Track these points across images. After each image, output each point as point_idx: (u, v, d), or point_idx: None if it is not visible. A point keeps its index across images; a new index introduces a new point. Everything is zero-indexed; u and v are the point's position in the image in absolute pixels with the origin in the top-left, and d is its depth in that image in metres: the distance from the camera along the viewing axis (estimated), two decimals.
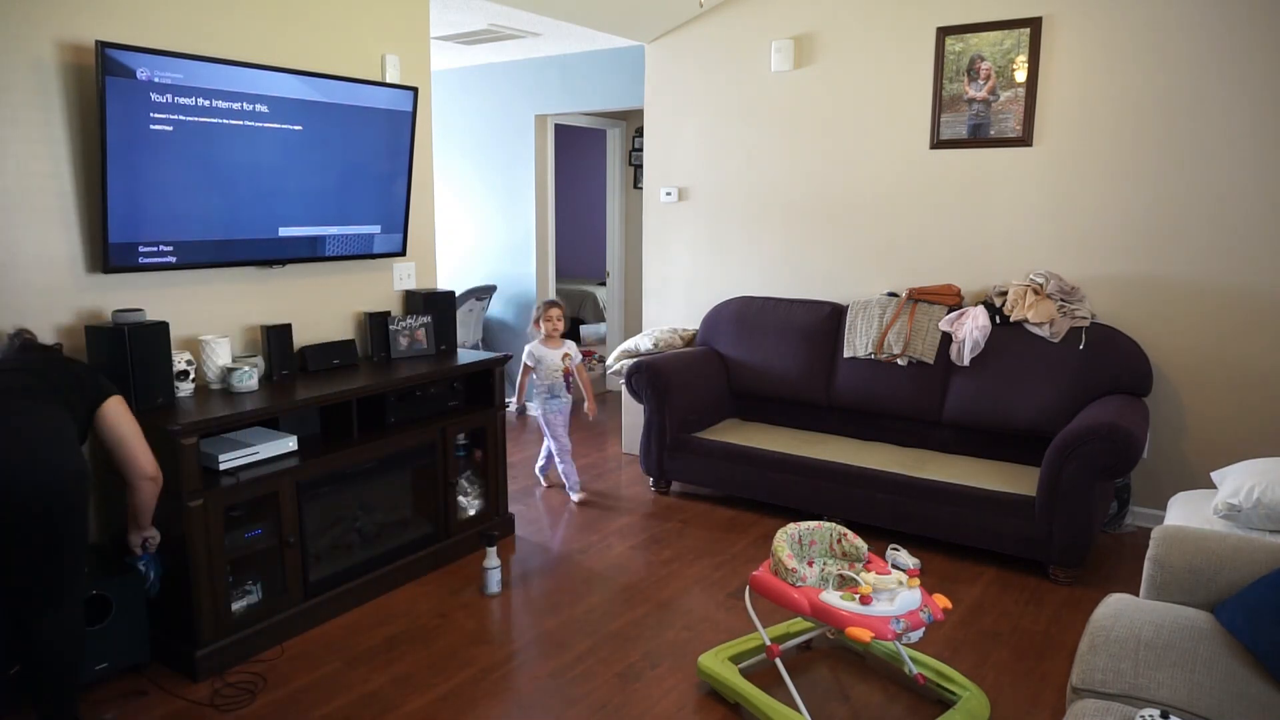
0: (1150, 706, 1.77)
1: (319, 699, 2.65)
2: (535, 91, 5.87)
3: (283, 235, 3.32)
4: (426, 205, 4.03)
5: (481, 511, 3.84)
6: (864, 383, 4.26)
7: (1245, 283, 3.68)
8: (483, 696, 2.68)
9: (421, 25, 3.92)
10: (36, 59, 2.68)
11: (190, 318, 3.15)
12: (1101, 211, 3.93)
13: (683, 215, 5.19)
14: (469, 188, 6.27)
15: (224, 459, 2.83)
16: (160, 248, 2.94)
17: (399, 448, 3.40)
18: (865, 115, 4.47)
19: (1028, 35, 3.96)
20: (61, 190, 2.78)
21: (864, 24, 4.40)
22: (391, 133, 3.63)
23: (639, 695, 2.68)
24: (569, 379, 4.46)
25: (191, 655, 2.72)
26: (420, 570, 3.51)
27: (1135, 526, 3.98)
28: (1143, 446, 3.31)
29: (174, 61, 2.84)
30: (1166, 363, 3.87)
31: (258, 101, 3.12)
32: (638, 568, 3.62)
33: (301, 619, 3.05)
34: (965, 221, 4.26)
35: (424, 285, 4.06)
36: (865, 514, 3.82)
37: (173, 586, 2.74)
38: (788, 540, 2.59)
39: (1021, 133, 4.04)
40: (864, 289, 4.55)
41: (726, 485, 4.26)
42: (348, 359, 3.57)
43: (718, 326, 4.77)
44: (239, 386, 3.05)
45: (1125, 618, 2.06)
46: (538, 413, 4.51)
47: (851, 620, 2.26)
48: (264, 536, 2.96)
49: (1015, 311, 3.94)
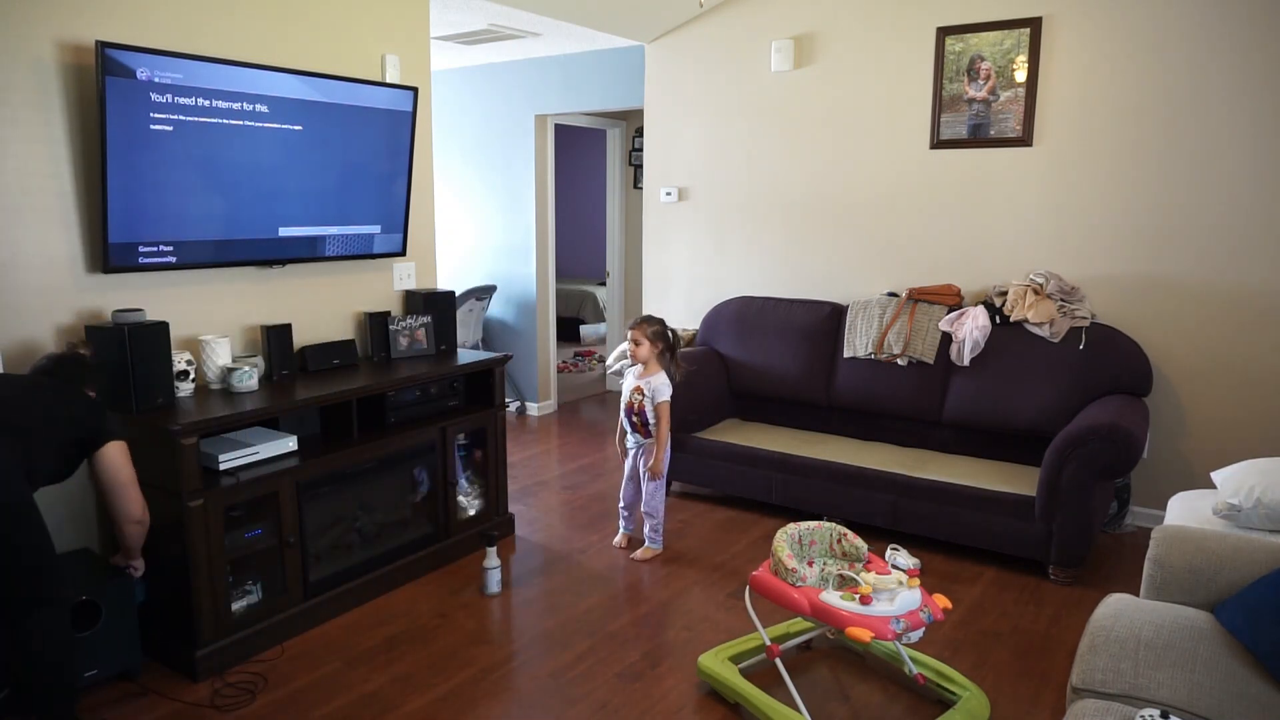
0: (1150, 706, 1.77)
1: (319, 699, 2.65)
2: (535, 91, 5.87)
3: (283, 235, 3.32)
4: (426, 205, 4.03)
5: (481, 511, 3.84)
6: (864, 383, 4.26)
7: (1245, 283, 3.68)
8: (483, 696, 2.68)
9: (421, 25, 3.92)
10: (36, 59, 2.68)
11: (190, 318, 3.15)
12: (1101, 211, 3.93)
13: (683, 215, 5.19)
14: (469, 188, 6.27)
15: (224, 459, 2.83)
16: (160, 248, 2.94)
17: (399, 448, 3.40)
18: (865, 115, 4.47)
19: (1028, 35, 3.96)
20: (61, 190, 2.78)
21: (864, 24, 4.40)
22: (391, 133, 3.63)
23: (639, 695, 2.68)
24: (631, 416, 3.65)
25: (191, 655, 2.72)
26: (420, 570, 3.51)
27: (1135, 526, 3.98)
28: (1143, 446, 3.31)
29: (174, 61, 2.84)
30: (1166, 363, 3.87)
31: (258, 101, 3.12)
32: (638, 568, 3.62)
33: (301, 619, 3.04)
34: (965, 221, 4.26)
35: (424, 285, 4.06)
36: (865, 514, 3.82)
37: (173, 586, 2.74)
38: (788, 540, 2.59)
39: (1021, 133, 4.04)
40: (864, 289, 4.55)
41: (726, 485, 4.26)
42: (348, 359, 3.57)
43: (718, 326, 4.77)
44: (239, 386, 3.05)
45: (1125, 618, 2.06)
46: None
47: (851, 620, 2.26)
48: (264, 536, 2.96)
49: (1015, 311, 3.94)
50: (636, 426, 3.63)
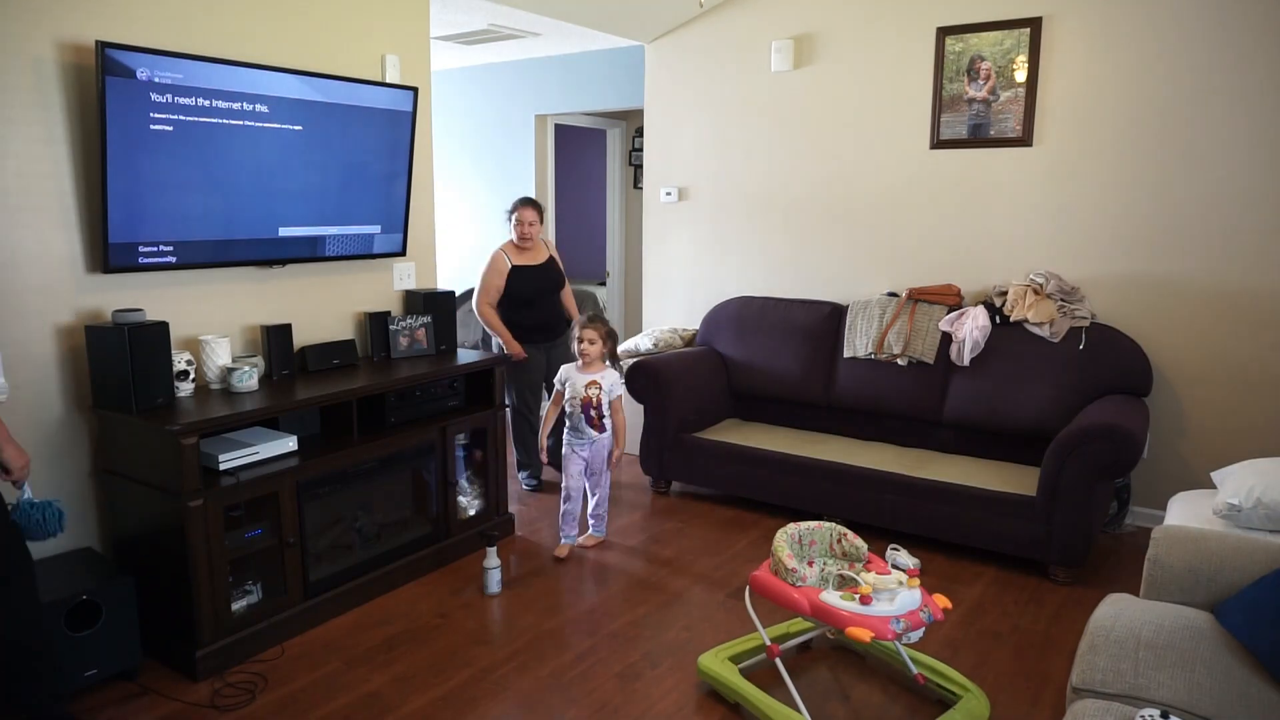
0: (1150, 706, 1.77)
1: (319, 699, 2.65)
2: (535, 91, 5.87)
3: (283, 235, 3.32)
4: (426, 205, 4.03)
5: (481, 511, 3.84)
6: (864, 383, 4.26)
7: (1245, 283, 3.68)
8: (483, 696, 2.68)
9: (421, 25, 3.92)
10: (36, 59, 2.68)
11: (190, 318, 3.15)
12: (1101, 211, 3.93)
13: (683, 215, 5.19)
14: (469, 188, 6.27)
15: (224, 459, 2.83)
16: (160, 248, 2.94)
17: (399, 448, 3.40)
18: (865, 115, 4.47)
19: (1028, 35, 3.96)
20: (61, 190, 2.78)
21: (864, 24, 4.40)
22: (391, 133, 3.63)
23: (639, 695, 2.68)
24: (590, 411, 3.69)
25: (191, 655, 2.72)
26: (420, 570, 3.51)
27: (1135, 526, 3.98)
28: (1142, 446, 3.31)
29: (174, 61, 2.84)
30: (1166, 363, 3.87)
31: (258, 101, 3.12)
32: (638, 568, 3.62)
33: (301, 619, 3.04)
34: (965, 221, 4.26)
35: (424, 285, 4.06)
36: (865, 514, 3.82)
37: (172, 586, 2.74)
38: (788, 540, 2.59)
39: (1021, 133, 4.04)
40: (864, 289, 4.55)
41: (726, 485, 4.26)
42: (348, 359, 3.57)
43: (718, 326, 4.77)
44: (239, 386, 3.05)
45: (1125, 618, 2.06)
46: (564, 450, 3.80)
47: (851, 620, 2.26)
48: (264, 536, 2.96)
49: (1015, 311, 3.94)
50: (594, 421, 3.69)
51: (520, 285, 4.34)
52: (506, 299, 4.34)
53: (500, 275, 4.31)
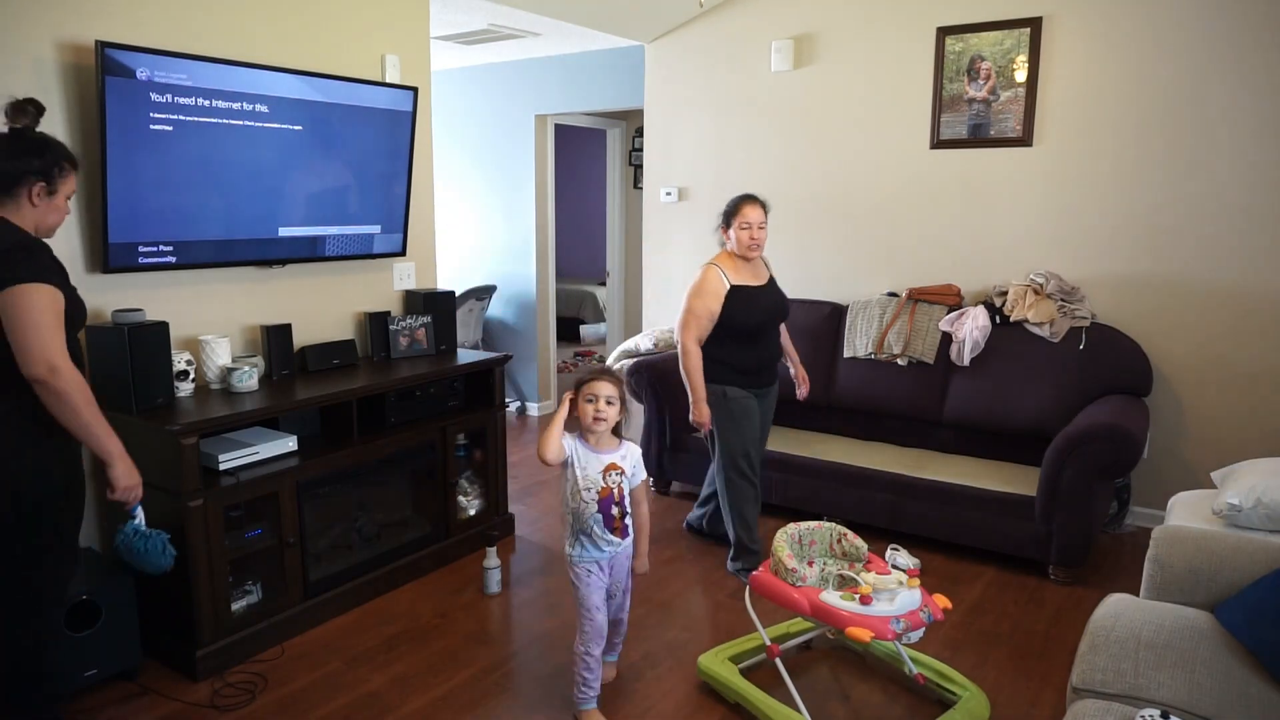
0: (1150, 706, 1.77)
1: (319, 699, 2.65)
2: (535, 91, 5.87)
3: (283, 235, 3.32)
4: (426, 205, 4.03)
5: (481, 511, 3.84)
6: (864, 383, 4.26)
7: (1246, 283, 3.68)
8: (483, 696, 2.68)
9: (421, 25, 3.92)
10: (36, 59, 2.68)
11: (190, 318, 3.15)
12: (1101, 211, 3.93)
13: (683, 215, 5.19)
14: (469, 188, 6.27)
15: (224, 459, 2.83)
16: (160, 248, 2.94)
17: (399, 448, 3.40)
18: (865, 115, 4.47)
19: (1028, 35, 3.96)
20: None
21: (864, 24, 4.40)
22: (391, 133, 3.63)
23: (639, 695, 2.68)
24: (611, 509, 2.44)
25: (191, 655, 2.72)
26: (420, 570, 3.51)
27: (1135, 526, 3.98)
28: (1142, 446, 3.31)
29: (174, 61, 2.84)
30: (1166, 363, 3.87)
31: (258, 101, 3.12)
32: None
33: (301, 619, 3.05)
34: (965, 221, 4.26)
35: (424, 285, 4.06)
36: (865, 514, 3.82)
37: (173, 586, 2.74)
38: (788, 540, 2.59)
39: (1021, 133, 4.04)
40: (864, 289, 4.55)
41: None
42: (348, 359, 3.57)
43: None
44: (239, 386, 3.05)
45: (1125, 618, 2.06)
46: (569, 552, 2.51)
47: (851, 620, 2.26)
48: (264, 536, 2.96)
49: (1015, 311, 3.94)
50: (615, 523, 2.44)
51: (741, 313, 3.23)
52: (720, 332, 3.24)
53: (716, 299, 3.20)
